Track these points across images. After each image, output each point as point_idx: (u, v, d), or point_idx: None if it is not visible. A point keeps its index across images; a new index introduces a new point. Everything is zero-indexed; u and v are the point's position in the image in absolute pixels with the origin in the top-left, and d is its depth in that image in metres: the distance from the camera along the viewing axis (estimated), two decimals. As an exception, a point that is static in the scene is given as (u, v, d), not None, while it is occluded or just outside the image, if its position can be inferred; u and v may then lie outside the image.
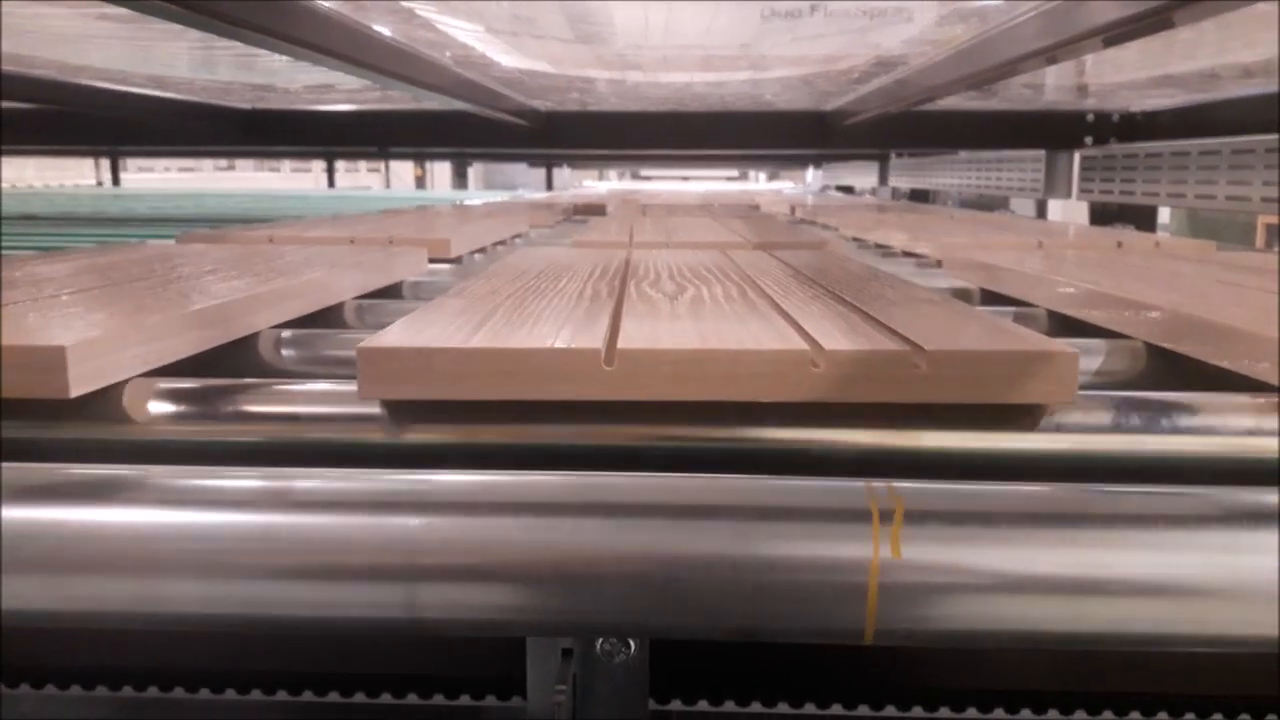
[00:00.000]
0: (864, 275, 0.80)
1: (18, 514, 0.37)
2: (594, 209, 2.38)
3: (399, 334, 0.51)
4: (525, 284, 0.72)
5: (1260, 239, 3.35)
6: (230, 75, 2.11)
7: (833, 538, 0.36)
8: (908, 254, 1.31)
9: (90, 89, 2.19)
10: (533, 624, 0.38)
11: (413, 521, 0.37)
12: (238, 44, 1.42)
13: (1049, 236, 1.32)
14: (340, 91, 2.33)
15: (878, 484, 0.38)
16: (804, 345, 0.48)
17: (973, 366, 0.47)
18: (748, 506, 0.37)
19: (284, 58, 1.61)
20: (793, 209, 2.39)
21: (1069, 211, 3.11)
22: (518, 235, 1.61)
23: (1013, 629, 0.36)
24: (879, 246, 1.44)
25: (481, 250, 1.33)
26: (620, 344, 0.48)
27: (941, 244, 1.18)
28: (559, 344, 0.48)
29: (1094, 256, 1.03)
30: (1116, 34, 1.02)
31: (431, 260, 1.11)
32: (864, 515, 0.36)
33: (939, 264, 1.13)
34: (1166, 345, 0.61)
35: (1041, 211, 2.89)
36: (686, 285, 0.72)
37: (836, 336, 0.51)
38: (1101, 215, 2.43)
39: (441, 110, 2.45)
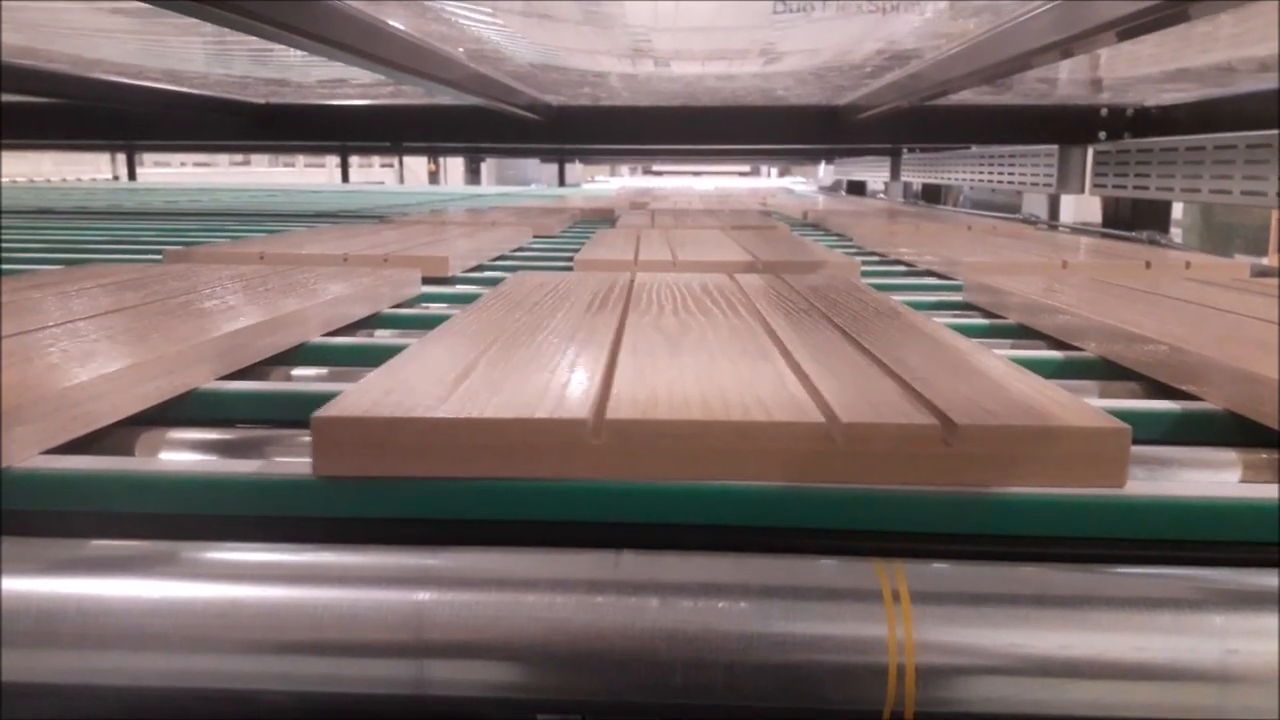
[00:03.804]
0: (882, 310, 0.75)
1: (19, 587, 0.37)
2: (602, 213, 2.39)
3: (361, 396, 0.45)
4: (516, 321, 0.68)
5: (1274, 237, 3.33)
6: (245, 70, 2.12)
7: (847, 618, 0.36)
8: (920, 273, 1.30)
9: (105, 83, 2.20)
10: (542, 702, 0.37)
11: (421, 596, 0.36)
12: (251, 38, 1.43)
13: (1073, 253, 1.30)
14: (353, 86, 2.33)
15: (886, 563, 0.38)
16: (819, 416, 0.43)
17: (1008, 445, 0.41)
18: (762, 586, 0.37)
19: (299, 52, 1.62)
20: (805, 214, 2.39)
21: (1082, 206, 3.10)
22: (518, 249, 1.59)
23: (1028, 711, 0.36)
24: (894, 261, 1.43)
25: (480, 268, 1.31)
26: (610, 412, 0.43)
27: (962, 264, 1.16)
28: (541, 412, 0.43)
29: (1123, 282, 0.99)
30: (1131, 27, 1.01)
31: (426, 280, 1.08)
32: (875, 595, 0.36)
33: (959, 284, 1.11)
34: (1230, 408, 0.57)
35: (1054, 206, 2.88)
36: (690, 323, 0.68)
37: (858, 404, 0.45)
38: (1115, 211, 2.42)
39: (454, 105, 2.45)
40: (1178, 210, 3.33)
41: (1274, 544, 0.40)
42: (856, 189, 5.37)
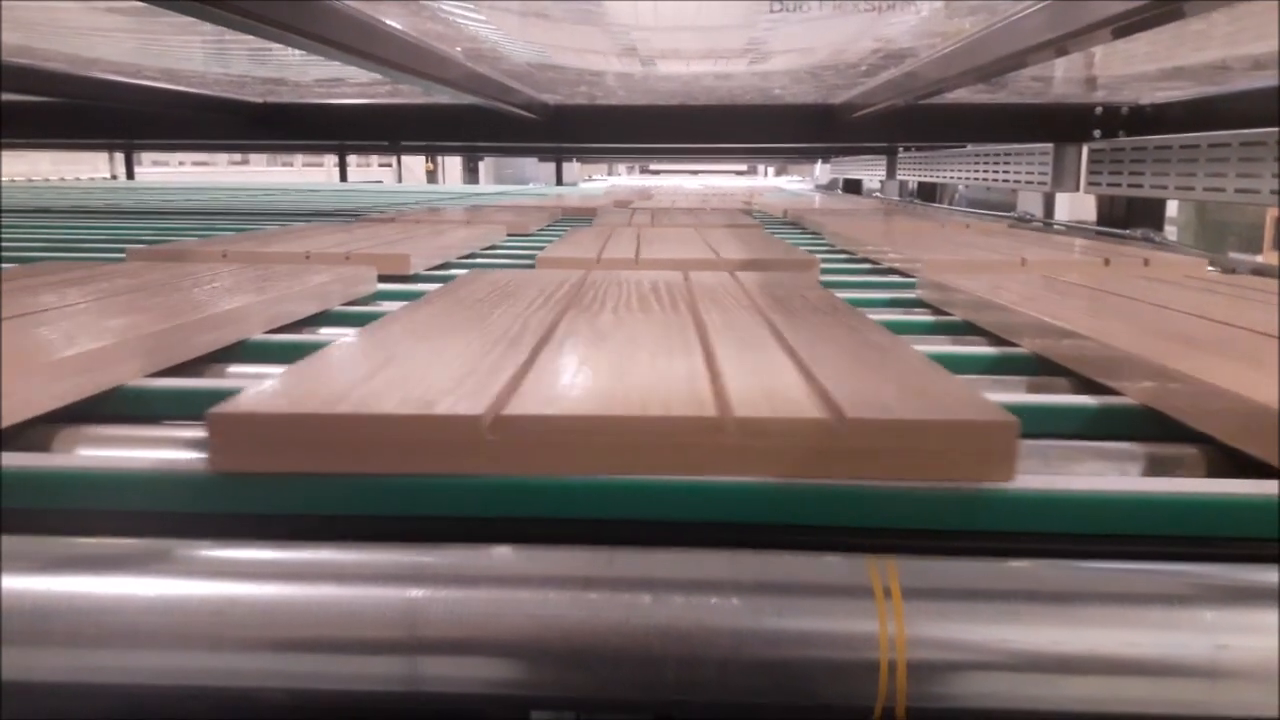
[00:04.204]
0: (820, 307, 0.75)
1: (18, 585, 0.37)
2: (585, 211, 2.40)
3: (265, 392, 0.45)
4: (453, 318, 0.68)
5: (1269, 235, 3.34)
6: (243, 69, 2.12)
7: (839, 614, 0.36)
8: (883, 270, 1.30)
9: (103, 82, 2.20)
10: (536, 699, 0.37)
11: (415, 593, 0.37)
12: (249, 37, 1.43)
13: (1038, 250, 1.30)
14: (351, 85, 2.33)
15: (878, 559, 0.38)
16: (714, 411, 0.43)
17: (895, 438, 0.41)
18: (755, 582, 0.37)
19: (297, 52, 1.62)
20: (785, 212, 2.41)
21: (1077, 204, 3.11)
22: (489, 246, 1.58)
23: (1019, 706, 0.36)
24: (861, 259, 1.44)
25: (446, 265, 1.30)
26: (509, 408, 0.43)
27: (922, 262, 1.15)
28: (440, 408, 0.42)
29: (1075, 280, 0.98)
30: (1126, 25, 1.02)
31: (388, 279, 1.08)
32: (866, 591, 0.37)
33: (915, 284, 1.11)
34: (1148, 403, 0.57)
35: (1050, 205, 2.89)
36: (626, 319, 0.68)
37: (757, 399, 0.45)
38: (1110, 209, 2.42)
39: (452, 104, 2.45)
40: (1173, 208, 3.34)
41: (1273, 540, 0.41)
42: (853, 188, 5.38)
